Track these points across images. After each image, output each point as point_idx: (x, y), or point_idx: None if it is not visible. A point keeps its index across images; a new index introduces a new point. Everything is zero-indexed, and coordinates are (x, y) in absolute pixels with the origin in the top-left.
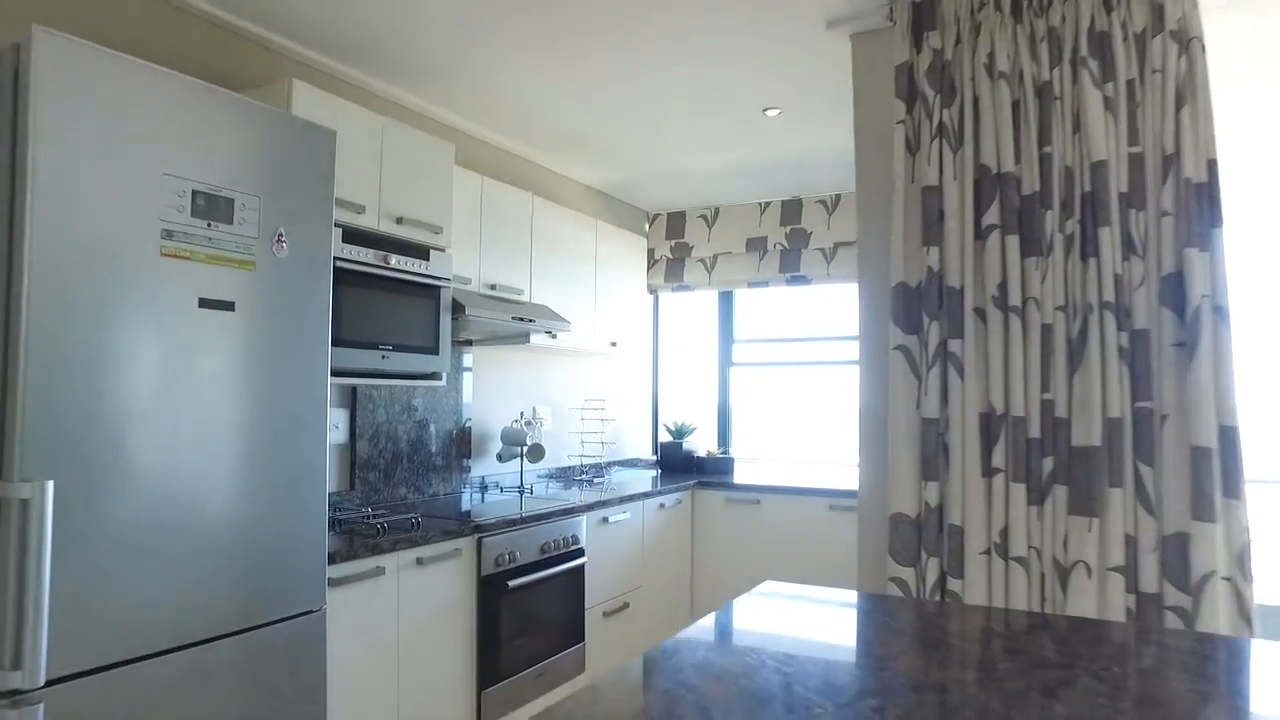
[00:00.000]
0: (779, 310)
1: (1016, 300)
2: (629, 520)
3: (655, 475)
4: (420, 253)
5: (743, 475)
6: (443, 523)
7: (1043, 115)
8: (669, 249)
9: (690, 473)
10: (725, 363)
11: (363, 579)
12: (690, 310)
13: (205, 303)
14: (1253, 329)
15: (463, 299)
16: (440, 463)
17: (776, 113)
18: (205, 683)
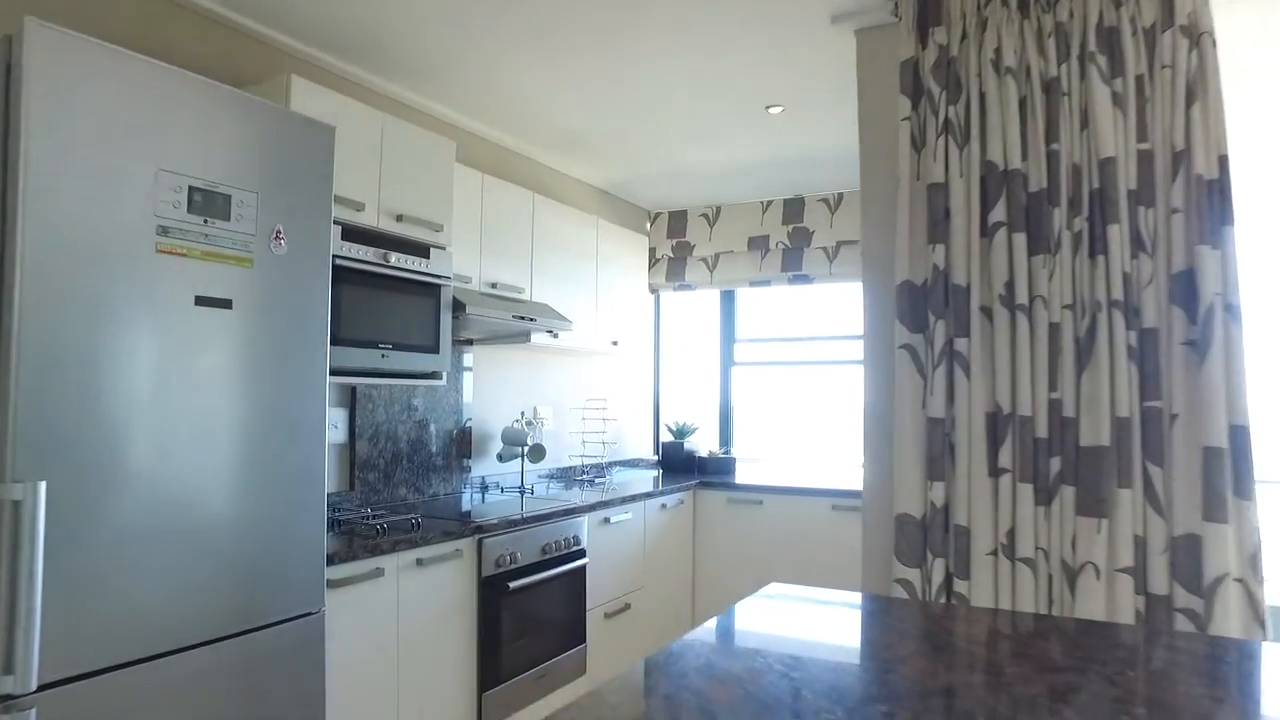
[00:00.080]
0: (781, 310)
1: (1024, 298)
2: (630, 521)
3: (657, 475)
4: (420, 250)
5: (744, 475)
6: (443, 523)
7: (1050, 111)
8: (670, 248)
9: (692, 473)
10: (727, 362)
11: (362, 580)
12: (692, 309)
13: (202, 301)
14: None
15: (463, 297)
16: (440, 463)
17: (779, 110)
18: (202, 687)
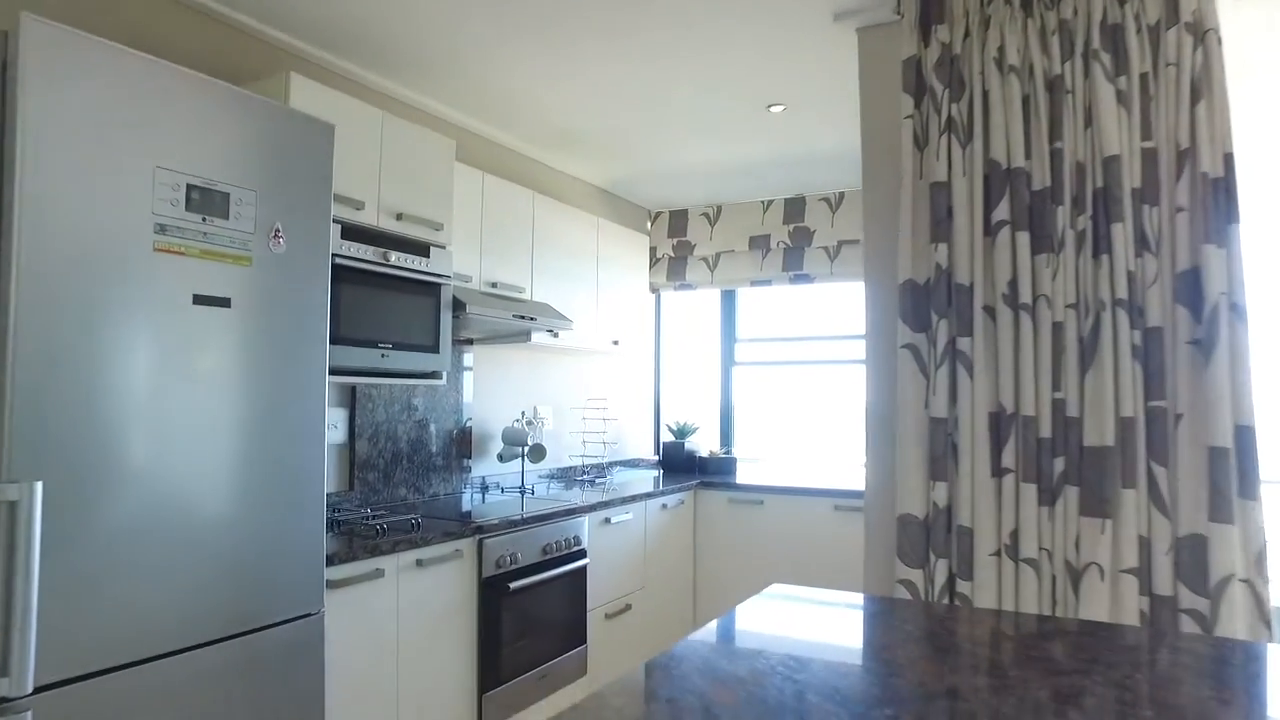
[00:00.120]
0: (782, 309)
1: (1027, 298)
2: (631, 521)
3: (657, 475)
4: (420, 250)
5: (745, 475)
6: (443, 524)
7: (1054, 110)
8: (671, 247)
9: (692, 473)
10: (728, 362)
11: (362, 581)
12: (692, 309)
13: (200, 299)
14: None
15: (463, 297)
16: (440, 463)
17: (781, 109)
18: (199, 689)
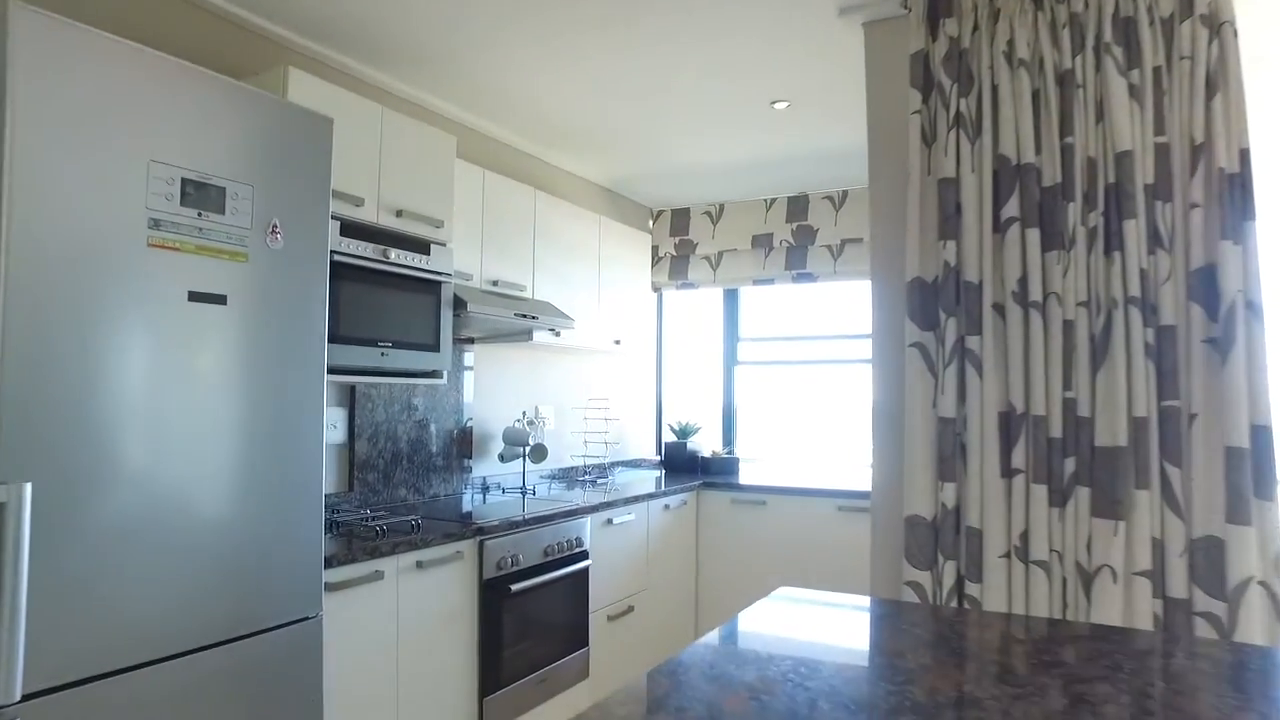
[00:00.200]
0: (785, 308)
1: (1037, 295)
2: (633, 522)
3: (659, 476)
4: (421, 247)
5: (748, 475)
6: (443, 525)
7: (1064, 104)
8: (673, 246)
9: (695, 473)
10: (730, 361)
11: (361, 583)
12: (695, 308)
13: (195, 296)
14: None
15: (464, 295)
16: (441, 463)
17: (785, 106)
18: (195, 695)
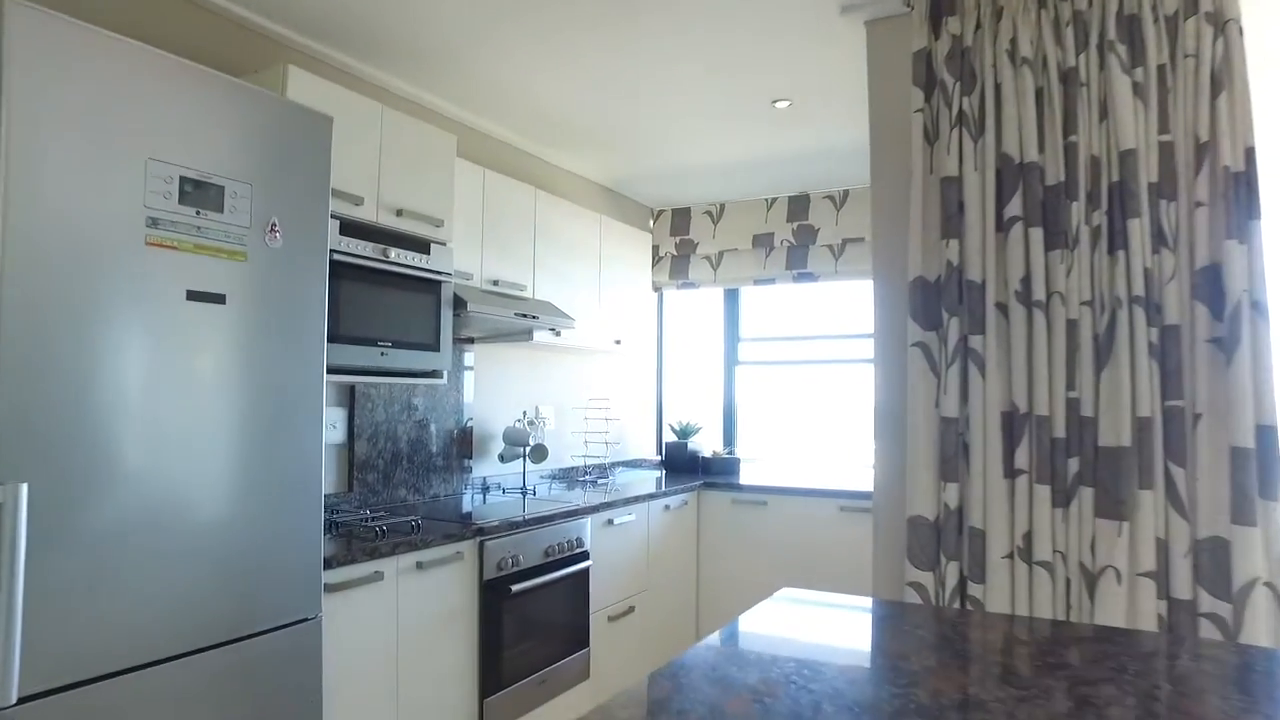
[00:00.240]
0: (785, 308)
1: (1040, 295)
2: (634, 522)
3: (660, 476)
4: (421, 246)
5: (749, 476)
6: (443, 525)
7: (1068, 103)
8: (674, 245)
9: (695, 473)
10: (731, 361)
11: (360, 584)
12: (695, 308)
13: (194, 295)
14: None
15: (464, 295)
16: (441, 463)
17: (786, 105)
18: (193, 697)
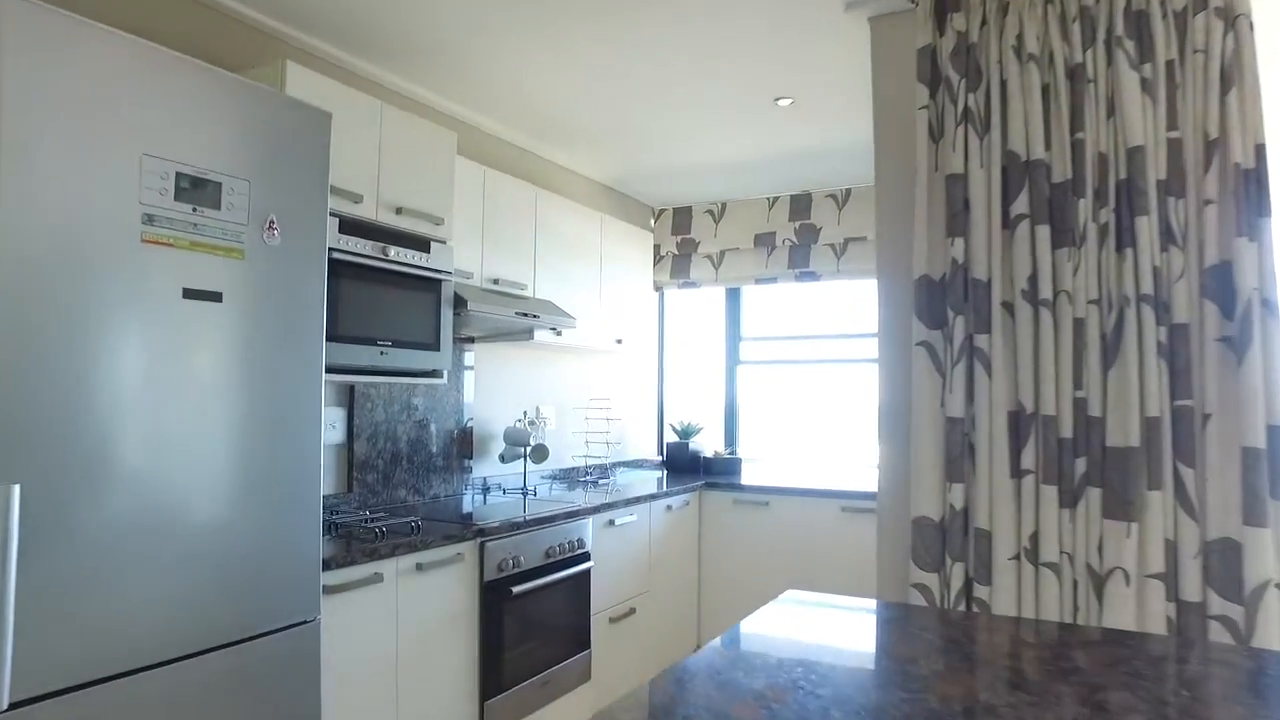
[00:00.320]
0: (787, 307)
1: (1047, 293)
2: (635, 523)
3: (661, 476)
4: (420, 245)
5: (751, 476)
6: (444, 526)
7: (1075, 99)
8: (675, 245)
9: (697, 473)
10: (732, 361)
11: (360, 586)
12: (697, 307)
13: (190, 293)
14: None
15: (464, 294)
16: (441, 464)
17: (788, 102)
18: (189, 701)
